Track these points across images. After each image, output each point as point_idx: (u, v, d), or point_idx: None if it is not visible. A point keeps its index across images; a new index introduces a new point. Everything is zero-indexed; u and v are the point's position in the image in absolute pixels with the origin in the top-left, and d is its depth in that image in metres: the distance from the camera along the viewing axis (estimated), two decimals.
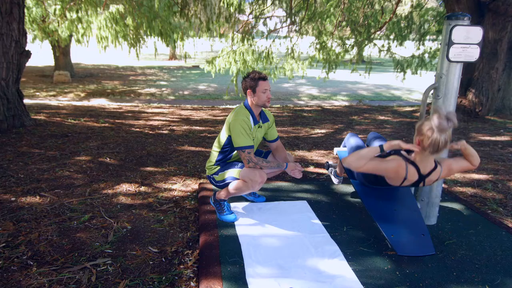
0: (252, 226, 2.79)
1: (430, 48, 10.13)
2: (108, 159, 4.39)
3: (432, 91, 2.75)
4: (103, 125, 6.26)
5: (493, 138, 6.09)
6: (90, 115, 7.14)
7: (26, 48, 5.71)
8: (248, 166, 2.71)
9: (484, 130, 6.62)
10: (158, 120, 7.07)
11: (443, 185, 3.58)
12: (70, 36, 10.28)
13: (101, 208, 3.12)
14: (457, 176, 4.17)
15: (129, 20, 8.79)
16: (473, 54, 2.56)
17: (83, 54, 22.19)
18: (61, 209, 3.06)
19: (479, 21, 7.07)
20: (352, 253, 2.47)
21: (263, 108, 2.92)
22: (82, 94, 11.17)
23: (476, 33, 2.53)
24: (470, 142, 5.80)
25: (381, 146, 2.33)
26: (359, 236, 2.70)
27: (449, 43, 2.53)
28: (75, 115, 7.02)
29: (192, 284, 2.19)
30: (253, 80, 2.72)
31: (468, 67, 7.37)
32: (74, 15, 8.66)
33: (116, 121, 6.71)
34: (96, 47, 8.91)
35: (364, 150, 2.34)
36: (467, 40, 2.53)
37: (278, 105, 9.86)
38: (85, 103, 9.63)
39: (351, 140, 3.17)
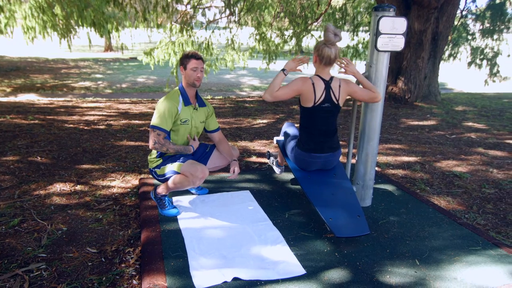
0: (195, 219, 2.78)
1: (364, 39, 10.59)
2: (39, 158, 4.12)
3: None
4: (32, 122, 5.85)
5: (421, 123, 6.54)
6: (18, 112, 6.63)
7: None
8: (154, 147, 2.69)
9: (412, 116, 7.09)
10: (94, 115, 6.74)
11: (376, 168, 3.80)
12: None
13: (33, 210, 2.93)
14: (389, 159, 4.44)
15: (57, 9, 8.21)
16: (399, 43, 2.73)
17: (8, 46, 20.47)
18: None
19: (405, 13, 7.50)
20: (294, 238, 2.55)
21: (201, 96, 2.93)
22: (8, 90, 10.31)
23: (401, 23, 2.68)
24: (401, 127, 6.19)
25: (283, 70, 2.71)
26: (300, 221, 2.80)
27: (377, 33, 2.67)
28: (0, 112, 6.48)
29: (134, 282, 2.14)
30: (186, 57, 2.74)
31: (397, 56, 7.83)
32: None
33: (47, 117, 6.29)
34: (23, 39, 8.22)
35: (272, 82, 2.68)
36: (393, 31, 2.68)
37: (220, 97, 9.81)
38: (11, 99, 8.91)
39: (288, 129, 3.26)
